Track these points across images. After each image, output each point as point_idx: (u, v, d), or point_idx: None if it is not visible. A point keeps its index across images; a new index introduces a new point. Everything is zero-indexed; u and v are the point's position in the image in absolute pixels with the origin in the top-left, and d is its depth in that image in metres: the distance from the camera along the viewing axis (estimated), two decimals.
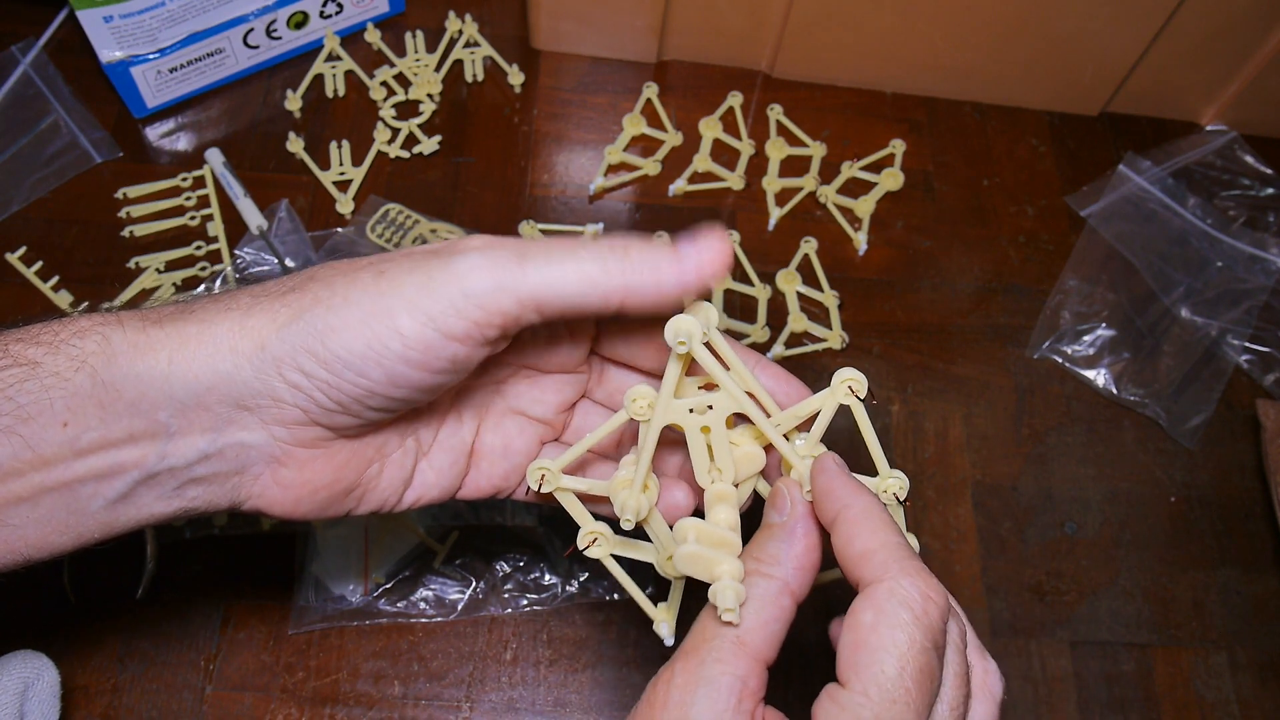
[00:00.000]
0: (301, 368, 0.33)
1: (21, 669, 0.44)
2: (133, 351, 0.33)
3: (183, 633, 0.54)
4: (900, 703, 0.29)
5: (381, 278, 0.33)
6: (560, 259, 0.33)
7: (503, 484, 0.41)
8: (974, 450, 0.64)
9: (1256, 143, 0.76)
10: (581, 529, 0.38)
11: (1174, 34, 0.70)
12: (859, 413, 0.36)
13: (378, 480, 0.38)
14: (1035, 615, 0.60)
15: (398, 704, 0.54)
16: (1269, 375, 0.68)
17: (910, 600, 0.31)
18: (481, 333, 0.33)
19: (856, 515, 0.33)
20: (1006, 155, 0.76)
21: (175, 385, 0.33)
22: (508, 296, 0.33)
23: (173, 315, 0.34)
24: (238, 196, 0.67)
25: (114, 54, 0.66)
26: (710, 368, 0.34)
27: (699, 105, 0.75)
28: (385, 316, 0.33)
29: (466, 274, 0.33)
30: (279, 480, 0.36)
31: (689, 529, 0.35)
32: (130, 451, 0.33)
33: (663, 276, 0.33)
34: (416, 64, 0.74)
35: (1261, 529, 0.64)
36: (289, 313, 0.33)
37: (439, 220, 0.67)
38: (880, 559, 0.32)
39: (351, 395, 0.34)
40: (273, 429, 0.35)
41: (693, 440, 0.37)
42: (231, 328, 0.33)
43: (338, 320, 0.33)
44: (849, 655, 0.31)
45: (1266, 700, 0.59)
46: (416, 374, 0.34)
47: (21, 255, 0.64)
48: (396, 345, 0.33)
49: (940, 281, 0.70)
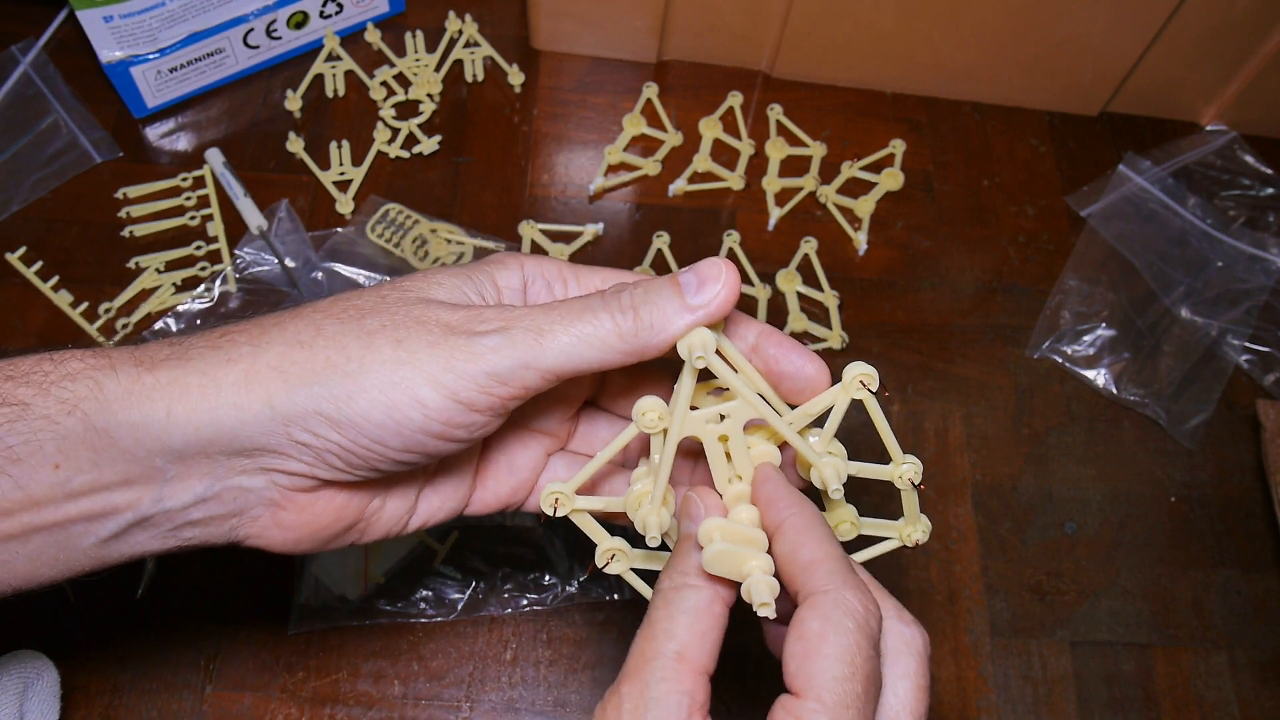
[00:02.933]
0: (313, 430, 0.33)
1: (21, 669, 0.44)
2: (127, 399, 0.32)
3: (183, 633, 0.54)
4: (852, 708, 0.30)
5: (399, 347, 0.33)
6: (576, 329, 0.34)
7: (510, 499, 0.41)
8: (974, 450, 0.64)
9: (1256, 143, 0.76)
10: (599, 546, 0.38)
11: (1174, 34, 0.70)
12: (872, 406, 0.36)
13: (380, 513, 0.38)
14: (1035, 615, 0.60)
15: (398, 704, 0.54)
16: (1269, 375, 0.68)
17: (854, 610, 0.31)
18: (504, 405, 0.34)
19: (801, 525, 0.34)
20: (1006, 155, 0.76)
21: (174, 435, 0.33)
22: (530, 373, 0.33)
23: (168, 361, 0.33)
24: (238, 196, 0.67)
25: (114, 54, 0.66)
26: (726, 378, 0.35)
27: (699, 105, 0.75)
28: (405, 388, 0.33)
29: (487, 354, 0.33)
30: (279, 522, 0.36)
31: (714, 530, 0.35)
32: (124, 494, 0.33)
33: (673, 330, 0.34)
34: (416, 64, 0.74)
35: (1261, 529, 0.64)
36: (299, 373, 0.33)
37: (439, 220, 0.67)
38: (825, 569, 0.33)
39: (364, 459, 0.34)
40: (274, 475, 0.34)
41: (711, 450, 0.37)
42: (236, 383, 0.33)
43: (355, 388, 0.33)
44: (800, 663, 0.31)
45: (1266, 700, 0.59)
46: (434, 442, 0.34)
47: (21, 255, 0.64)
48: (418, 416, 0.33)
49: (940, 281, 0.70)
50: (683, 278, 0.34)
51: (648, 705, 0.31)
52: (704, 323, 0.34)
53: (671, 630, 0.32)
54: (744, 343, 0.37)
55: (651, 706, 0.31)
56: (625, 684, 0.32)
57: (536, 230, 0.68)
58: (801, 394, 0.37)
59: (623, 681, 0.32)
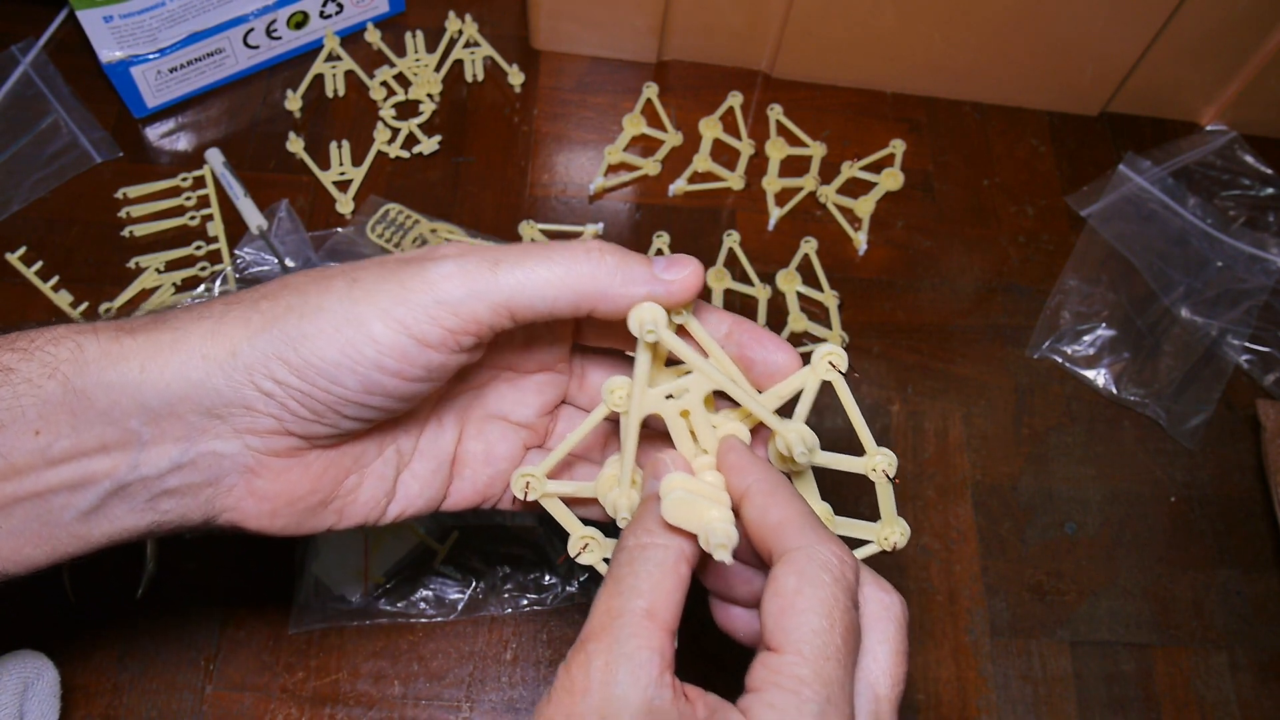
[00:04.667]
0: (274, 375, 0.33)
1: (21, 669, 0.44)
2: (105, 359, 0.33)
3: (183, 633, 0.54)
4: (833, 660, 0.30)
5: (355, 285, 0.33)
6: (533, 264, 0.33)
7: (488, 491, 0.41)
8: (974, 450, 0.64)
9: (1256, 143, 0.76)
10: (571, 536, 0.38)
11: (1174, 34, 0.70)
12: (841, 389, 0.36)
13: (357, 493, 0.38)
14: (1035, 615, 0.60)
15: (398, 704, 0.54)
16: (1269, 375, 0.68)
17: (829, 564, 0.31)
18: (456, 340, 0.34)
19: (769, 487, 0.34)
20: (1006, 155, 0.76)
21: (147, 393, 0.33)
22: (481, 303, 0.33)
23: (147, 325, 0.34)
24: (238, 196, 0.67)
25: (114, 54, 0.66)
26: (682, 352, 0.34)
27: (699, 105, 0.75)
28: (359, 323, 0.33)
29: (440, 281, 0.33)
30: (253, 491, 0.36)
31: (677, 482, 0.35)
32: (102, 461, 0.33)
33: (635, 284, 0.34)
34: (416, 64, 0.74)
35: (1261, 529, 0.64)
36: (261, 319, 0.33)
37: (439, 220, 0.67)
38: (796, 526, 0.33)
39: (325, 404, 0.34)
40: (246, 438, 0.34)
41: (674, 426, 0.36)
42: (204, 335, 0.33)
43: (311, 327, 0.33)
44: (776, 620, 0.31)
45: (1266, 700, 0.59)
46: (391, 381, 0.34)
47: (21, 255, 0.64)
48: (370, 352, 0.33)
49: (940, 281, 0.70)
50: (655, 258, 0.35)
51: (618, 662, 0.30)
52: (664, 300, 0.34)
53: (638, 587, 0.32)
54: (718, 332, 0.37)
55: (622, 663, 0.30)
56: (592, 642, 0.31)
57: (536, 230, 0.68)
58: (772, 382, 0.37)
59: (588, 640, 0.31)
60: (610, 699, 0.30)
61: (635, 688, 0.30)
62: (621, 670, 0.30)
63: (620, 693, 0.30)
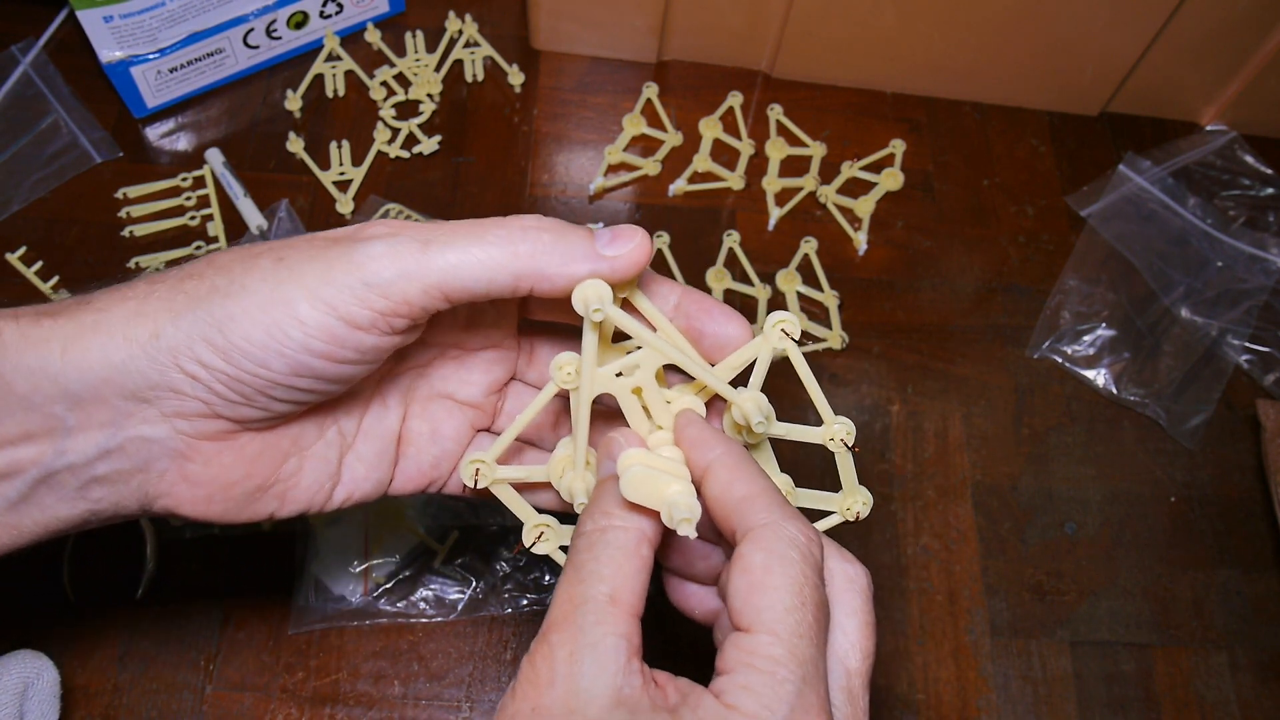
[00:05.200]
0: (199, 358, 0.32)
1: (21, 669, 0.44)
2: (24, 343, 0.32)
3: (183, 633, 0.54)
4: (806, 638, 0.29)
5: (280, 264, 0.32)
6: (466, 244, 0.32)
7: (434, 474, 0.40)
8: (974, 450, 0.64)
9: (1256, 143, 0.76)
10: (526, 524, 0.37)
11: (1174, 34, 0.70)
12: (796, 357, 0.35)
13: (299, 476, 0.37)
14: (1035, 615, 0.60)
15: (398, 704, 0.54)
16: (1269, 375, 0.68)
17: (796, 540, 0.31)
18: (388, 322, 0.32)
19: (733, 462, 0.33)
20: (1006, 155, 0.76)
21: (69, 377, 0.32)
22: (413, 285, 0.32)
23: (69, 306, 0.33)
24: (238, 196, 0.67)
25: (114, 54, 0.66)
26: (630, 329, 0.33)
27: (699, 105, 0.75)
28: (284, 304, 0.31)
29: (367, 263, 0.32)
30: (186, 476, 0.34)
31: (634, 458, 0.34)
32: (27, 450, 0.32)
33: (575, 263, 0.32)
34: (416, 64, 0.74)
35: (1261, 529, 0.64)
36: (185, 300, 0.32)
37: (439, 220, 0.67)
38: (763, 502, 0.32)
39: (254, 387, 0.32)
40: (175, 422, 0.33)
41: (626, 403, 0.35)
42: (127, 316, 0.32)
43: (236, 308, 0.31)
44: (746, 599, 0.30)
45: (1266, 700, 0.59)
46: (320, 363, 0.32)
47: (21, 255, 0.64)
48: (298, 334, 0.32)
49: (940, 281, 0.70)
50: (598, 231, 0.33)
51: (583, 651, 0.29)
52: (608, 276, 0.33)
53: (600, 572, 0.31)
54: (666, 304, 0.36)
55: (587, 652, 0.29)
56: (555, 632, 0.30)
57: None
58: (724, 354, 0.36)
59: (551, 630, 0.30)
60: (577, 691, 0.29)
61: (602, 677, 0.29)
62: (587, 660, 0.29)
63: (587, 684, 0.29)
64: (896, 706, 0.56)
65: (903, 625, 0.58)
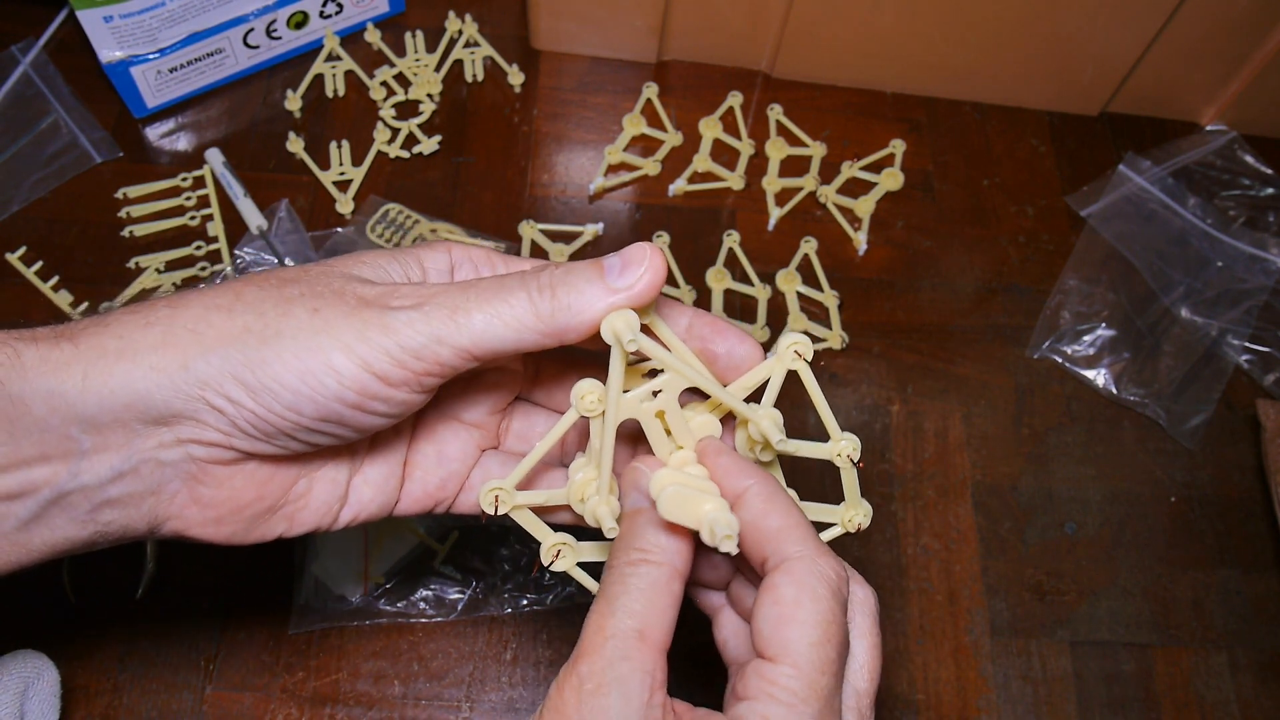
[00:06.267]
0: (227, 394, 0.32)
1: (21, 669, 0.44)
2: (44, 366, 0.32)
3: (183, 633, 0.54)
4: (826, 673, 0.30)
5: (316, 315, 0.33)
6: (492, 308, 0.33)
7: (439, 494, 0.40)
8: (974, 450, 0.64)
9: (1256, 143, 0.76)
10: (544, 543, 0.37)
11: (1174, 34, 0.70)
12: (807, 377, 0.36)
13: (308, 498, 0.37)
14: (1035, 615, 0.60)
15: (398, 704, 0.54)
16: (1269, 375, 0.68)
17: (827, 577, 0.32)
18: (420, 381, 0.33)
19: (766, 493, 0.34)
20: (1006, 155, 0.76)
21: (89, 401, 0.32)
22: (444, 349, 0.33)
23: (88, 329, 0.33)
24: (238, 196, 0.67)
25: (114, 54, 0.66)
26: (657, 354, 0.34)
27: (699, 105, 0.75)
28: (320, 353, 0.32)
29: (400, 329, 0.32)
30: (197, 499, 0.35)
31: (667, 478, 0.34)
32: (41, 470, 0.33)
33: (593, 312, 0.33)
34: (416, 64, 0.74)
35: (1261, 529, 0.64)
36: (215, 335, 0.33)
37: (439, 220, 0.67)
38: (798, 535, 0.33)
39: (277, 427, 0.33)
40: (190, 447, 0.34)
41: (650, 428, 0.36)
42: (153, 345, 0.32)
43: (270, 353, 0.32)
44: (774, 629, 0.31)
45: (1266, 700, 0.59)
46: (350, 413, 0.33)
47: (21, 255, 0.64)
48: (332, 384, 0.32)
49: (940, 281, 0.70)
50: (607, 261, 0.34)
51: (610, 684, 0.30)
52: (626, 305, 0.33)
53: (630, 607, 0.32)
54: (677, 328, 0.37)
55: (614, 685, 0.30)
56: (583, 662, 0.31)
57: (536, 230, 0.68)
58: (737, 373, 0.37)
59: (580, 660, 0.31)
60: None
61: (626, 712, 0.30)
62: (613, 694, 0.30)
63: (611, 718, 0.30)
64: (896, 706, 0.56)
65: (903, 625, 0.58)
